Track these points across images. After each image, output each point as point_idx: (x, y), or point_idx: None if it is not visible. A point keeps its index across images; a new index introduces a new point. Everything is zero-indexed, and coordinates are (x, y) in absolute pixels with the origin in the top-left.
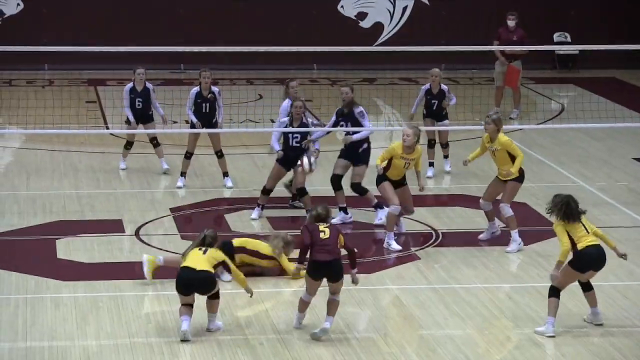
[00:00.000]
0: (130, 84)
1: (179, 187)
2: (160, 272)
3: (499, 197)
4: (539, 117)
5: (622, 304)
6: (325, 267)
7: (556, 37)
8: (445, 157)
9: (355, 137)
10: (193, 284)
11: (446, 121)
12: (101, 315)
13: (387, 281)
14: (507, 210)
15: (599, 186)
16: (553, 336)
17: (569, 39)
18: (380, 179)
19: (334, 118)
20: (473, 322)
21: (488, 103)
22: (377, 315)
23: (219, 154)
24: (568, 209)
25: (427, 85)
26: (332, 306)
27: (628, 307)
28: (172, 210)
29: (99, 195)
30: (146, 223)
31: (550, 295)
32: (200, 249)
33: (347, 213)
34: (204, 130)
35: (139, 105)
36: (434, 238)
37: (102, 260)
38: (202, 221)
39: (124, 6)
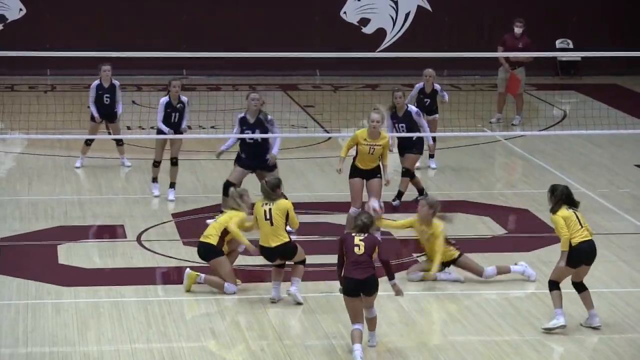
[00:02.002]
0: (97, 81)
1: (157, 196)
2: (162, 278)
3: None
4: (541, 123)
5: (624, 311)
6: (361, 285)
7: (558, 43)
8: (431, 156)
9: (276, 151)
10: (275, 255)
11: (436, 115)
12: (102, 320)
13: (388, 287)
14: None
15: (601, 193)
16: (565, 325)
17: (571, 46)
18: (352, 171)
19: (237, 128)
20: (474, 328)
21: (490, 110)
22: (379, 322)
23: (174, 161)
24: (570, 196)
25: (421, 84)
26: (370, 323)
27: (630, 314)
28: (174, 215)
29: (100, 200)
30: (148, 229)
31: (551, 289)
32: (265, 216)
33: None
34: (205, 135)
35: (106, 101)
36: None
37: (104, 265)
38: (204, 227)
39: (126, 11)
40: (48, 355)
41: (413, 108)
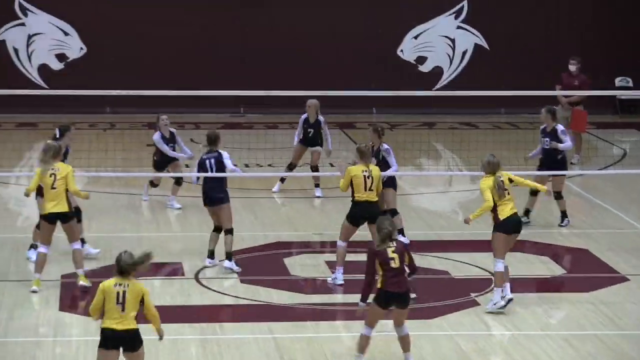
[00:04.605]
0: (158, 133)
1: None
2: (220, 316)
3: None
4: (600, 162)
5: None
6: (397, 298)
7: (618, 81)
8: (317, 185)
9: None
10: (117, 341)
11: (319, 147)
12: (160, 358)
13: (446, 327)
14: None
15: None
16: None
17: (630, 84)
18: None
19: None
20: None
21: None
22: None
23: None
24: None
25: (305, 115)
26: (405, 342)
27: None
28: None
29: (159, 237)
30: (206, 267)
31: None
32: (117, 299)
33: None
34: (263, 174)
35: (172, 148)
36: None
37: (162, 303)
38: (261, 265)
39: (185, 50)
40: None
41: (560, 126)
